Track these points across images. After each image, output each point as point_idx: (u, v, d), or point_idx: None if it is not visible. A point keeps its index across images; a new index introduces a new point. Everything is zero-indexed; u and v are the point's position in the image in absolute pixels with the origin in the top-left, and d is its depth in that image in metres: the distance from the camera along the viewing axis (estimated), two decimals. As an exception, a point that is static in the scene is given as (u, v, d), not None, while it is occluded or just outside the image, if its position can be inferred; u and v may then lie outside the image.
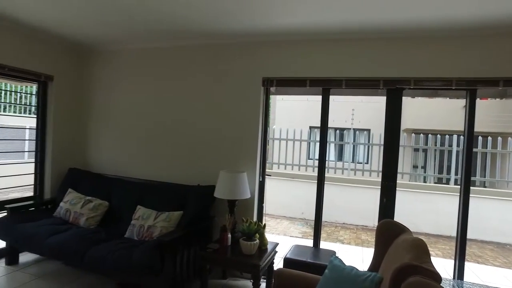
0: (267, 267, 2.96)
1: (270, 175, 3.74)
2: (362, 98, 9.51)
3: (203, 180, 3.48)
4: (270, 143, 7.25)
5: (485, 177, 6.79)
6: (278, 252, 3.18)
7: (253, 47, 3.42)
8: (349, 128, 8.96)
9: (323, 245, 3.46)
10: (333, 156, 7.88)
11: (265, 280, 3.14)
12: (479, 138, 6.48)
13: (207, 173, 3.52)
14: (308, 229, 6.45)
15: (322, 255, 3.11)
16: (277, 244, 3.13)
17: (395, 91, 3.09)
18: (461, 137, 6.40)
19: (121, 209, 3.54)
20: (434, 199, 6.66)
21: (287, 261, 2.93)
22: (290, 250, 3.17)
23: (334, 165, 7.48)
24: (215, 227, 3.36)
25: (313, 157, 7.80)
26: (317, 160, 3.53)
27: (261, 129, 3.44)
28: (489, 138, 6.58)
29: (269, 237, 3.08)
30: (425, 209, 6.59)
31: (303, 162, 7.48)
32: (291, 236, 5.85)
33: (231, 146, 3.50)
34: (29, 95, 7.80)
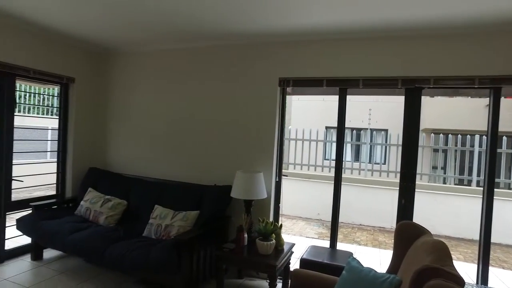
0: (283, 268, 2.95)
1: (287, 176, 3.73)
2: (379, 98, 9.38)
3: (219, 180, 3.51)
4: (286, 143, 7.22)
5: (510, 178, 6.56)
6: (294, 252, 3.16)
7: (269, 48, 3.42)
8: (366, 128, 8.83)
9: (339, 246, 3.42)
10: (350, 156, 7.78)
11: (281, 281, 3.14)
12: (504, 138, 6.26)
13: (223, 173, 3.54)
14: (324, 230, 6.40)
15: (339, 256, 3.07)
16: (293, 245, 3.12)
17: (413, 90, 3.03)
18: (484, 137, 6.23)
19: (139, 208, 3.60)
20: (455, 201, 6.47)
21: (304, 262, 2.91)
22: (306, 250, 3.15)
23: (351, 165, 7.39)
24: (231, 227, 3.38)
25: (329, 157, 7.72)
26: (334, 160, 3.50)
27: (277, 129, 3.43)
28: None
29: (285, 237, 3.07)
30: (445, 211, 6.41)
31: (319, 162, 7.42)
32: (307, 237, 5.81)
33: (247, 146, 3.51)
34: (51, 96, 8.06)
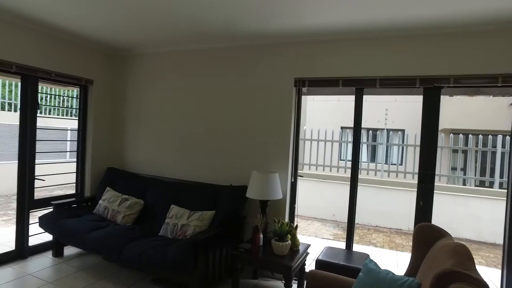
0: (299, 269, 2.94)
1: (302, 176, 3.71)
2: (396, 97, 9.22)
3: (235, 180, 3.52)
4: (301, 144, 7.19)
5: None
6: (309, 253, 3.14)
7: (285, 48, 3.41)
8: (382, 129, 8.70)
9: (355, 247, 3.38)
10: (366, 157, 7.68)
11: (296, 282, 3.12)
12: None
13: (239, 173, 3.56)
14: (340, 231, 6.33)
15: (355, 258, 3.04)
16: (309, 246, 3.10)
17: (432, 90, 2.96)
18: (507, 137, 6.03)
19: (155, 208, 3.65)
20: (476, 203, 6.28)
21: (319, 263, 2.89)
22: (322, 251, 3.12)
23: (367, 166, 7.29)
24: (247, 227, 3.39)
25: (344, 158, 7.64)
26: (349, 161, 3.46)
27: (293, 129, 3.42)
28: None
29: (300, 238, 3.05)
30: (465, 214, 6.24)
31: (334, 163, 7.35)
32: (322, 238, 5.77)
33: (263, 146, 3.51)
34: (70, 98, 8.28)
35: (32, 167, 3.56)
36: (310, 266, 3.42)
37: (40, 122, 3.66)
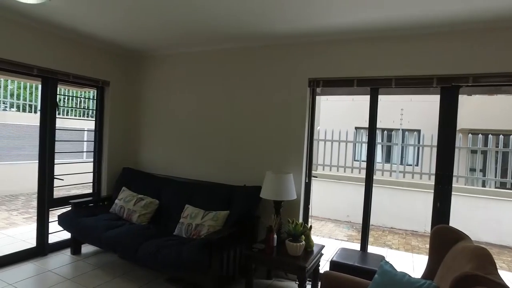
0: (313, 270, 2.92)
1: (316, 177, 3.68)
2: (412, 97, 9.05)
3: (249, 180, 3.53)
4: (315, 144, 7.15)
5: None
6: (323, 254, 3.12)
7: (299, 48, 3.40)
8: (397, 129, 8.55)
9: (370, 249, 3.33)
10: (380, 157, 7.57)
11: (310, 282, 3.10)
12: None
13: (253, 173, 3.56)
14: (354, 232, 6.26)
15: (370, 259, 3.00)
16: (323, 247, 3.08)
17: (450, 89, 2.89)
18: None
19: (170, 208, 3.69)
20: (496, 205, 6.10)
21: (334, 264, 2.86)
22: (336, 253, 3.09)
23: (382, 167, 7.18)
24: (261, 227, 3.39)
25: (359, 158, 7.55)
26: (364, 161, 3.42)
27: (307, 130, 3.40)
28: None
29: (314, 239, 3.04)
30: (485, 216, 6.06)
31: (348, 163, 7.27)
32: (336, 239, 5.71)
33: (277, 147, 3.51)
34: (87, 99, 8.46)
35: (51, 166, 3.65)
36: (324, 267, 3.40)
37: (59, 123, 3.75)
